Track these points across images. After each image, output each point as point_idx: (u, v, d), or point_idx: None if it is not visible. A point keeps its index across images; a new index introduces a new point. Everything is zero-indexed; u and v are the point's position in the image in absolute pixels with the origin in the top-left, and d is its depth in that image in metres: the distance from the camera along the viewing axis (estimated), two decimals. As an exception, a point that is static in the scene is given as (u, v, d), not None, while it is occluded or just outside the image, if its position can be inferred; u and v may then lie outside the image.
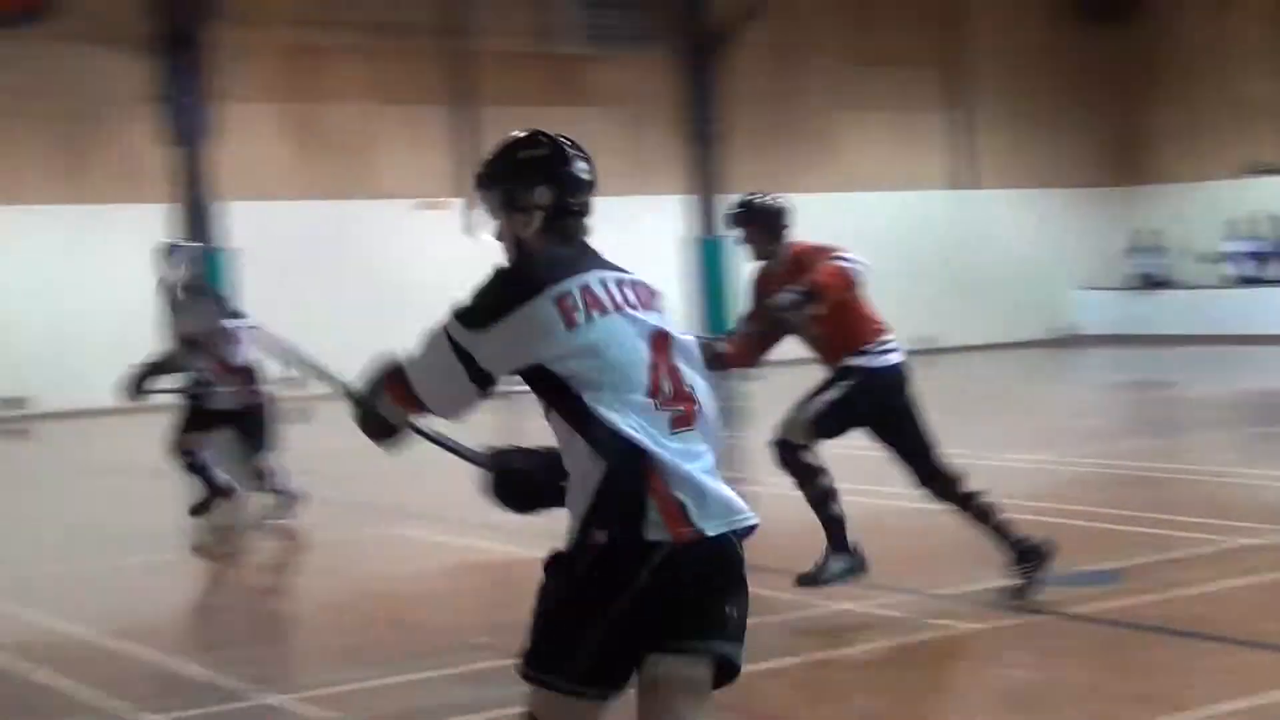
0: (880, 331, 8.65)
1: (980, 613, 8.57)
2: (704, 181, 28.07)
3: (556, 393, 4.15)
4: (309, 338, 25.38)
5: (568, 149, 4.40)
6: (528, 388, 4.19)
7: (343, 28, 25.76)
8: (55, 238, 23.66)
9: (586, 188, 4.38)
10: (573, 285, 4.18)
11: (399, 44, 26.21)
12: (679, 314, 27.22)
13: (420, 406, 4.34)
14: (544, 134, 4.44)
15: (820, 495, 8.70)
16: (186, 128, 24.22)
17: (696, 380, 4.27)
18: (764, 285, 8.73)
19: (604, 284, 4.23)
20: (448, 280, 25.65)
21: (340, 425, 5.24)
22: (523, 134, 4.45)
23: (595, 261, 4.31)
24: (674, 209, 28.05)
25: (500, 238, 4.41)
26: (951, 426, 10.22)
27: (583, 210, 4.38)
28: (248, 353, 12.16)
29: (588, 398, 4.11)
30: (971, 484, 8.74)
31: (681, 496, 4.08)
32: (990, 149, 31.99)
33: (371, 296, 25.53)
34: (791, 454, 8.67)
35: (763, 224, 8.75)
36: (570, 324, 4.13)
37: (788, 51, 29.58)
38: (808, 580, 8.72)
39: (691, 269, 27.90)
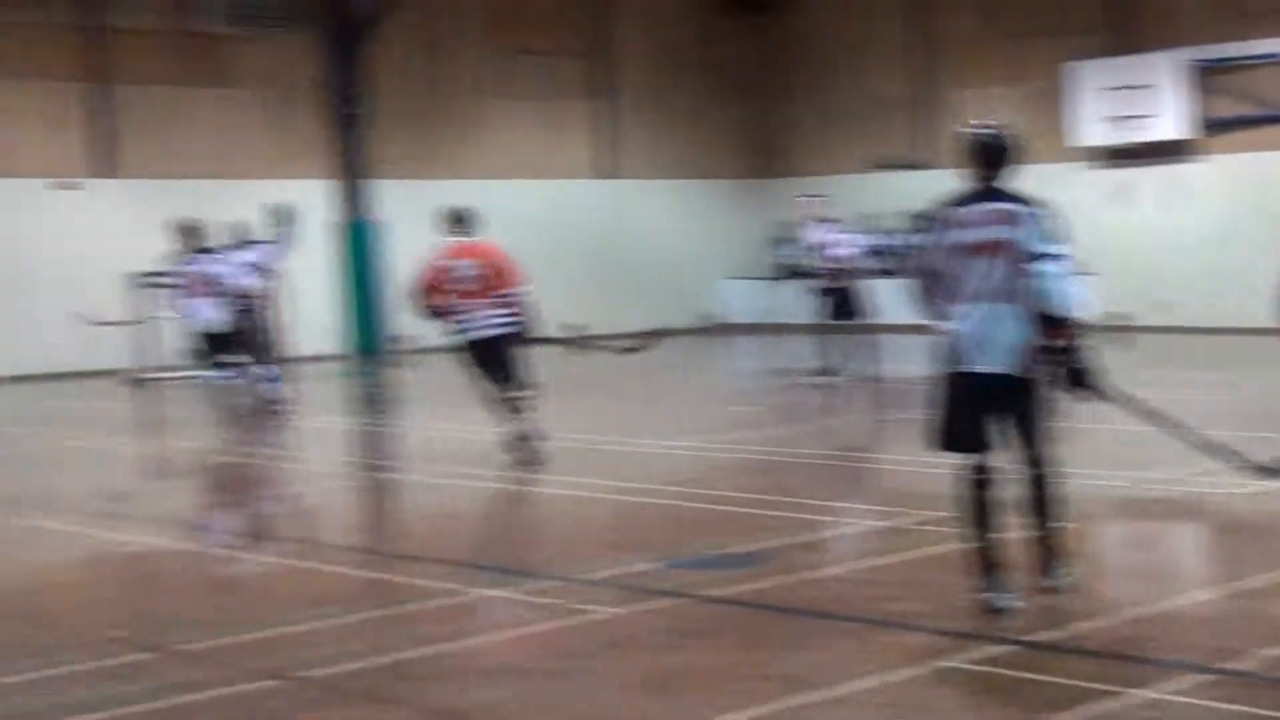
0: None
1: (620, 597, 8.66)
2: (350, 166, 27.52)
3: None
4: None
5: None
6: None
7: (-29, -1, 24.75)
8: None
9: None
10: None
11: (34, 18, 25.24)
12: (326, 297, 26.79)
13: None
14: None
15: None
16: None
17: None
18: None
19: None
20: (77, 260, 25.00)
21: None
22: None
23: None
24: (320, 193, 27.36)
25: None
26: (599, 412, 10.28)
27: None
28: None
29: None
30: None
31: None
32: (634, 139, 32.38)
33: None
34: None
35: None
36: None
37: (436, 37, 29.43)
38: None
39: (337, 253, 27.39)
